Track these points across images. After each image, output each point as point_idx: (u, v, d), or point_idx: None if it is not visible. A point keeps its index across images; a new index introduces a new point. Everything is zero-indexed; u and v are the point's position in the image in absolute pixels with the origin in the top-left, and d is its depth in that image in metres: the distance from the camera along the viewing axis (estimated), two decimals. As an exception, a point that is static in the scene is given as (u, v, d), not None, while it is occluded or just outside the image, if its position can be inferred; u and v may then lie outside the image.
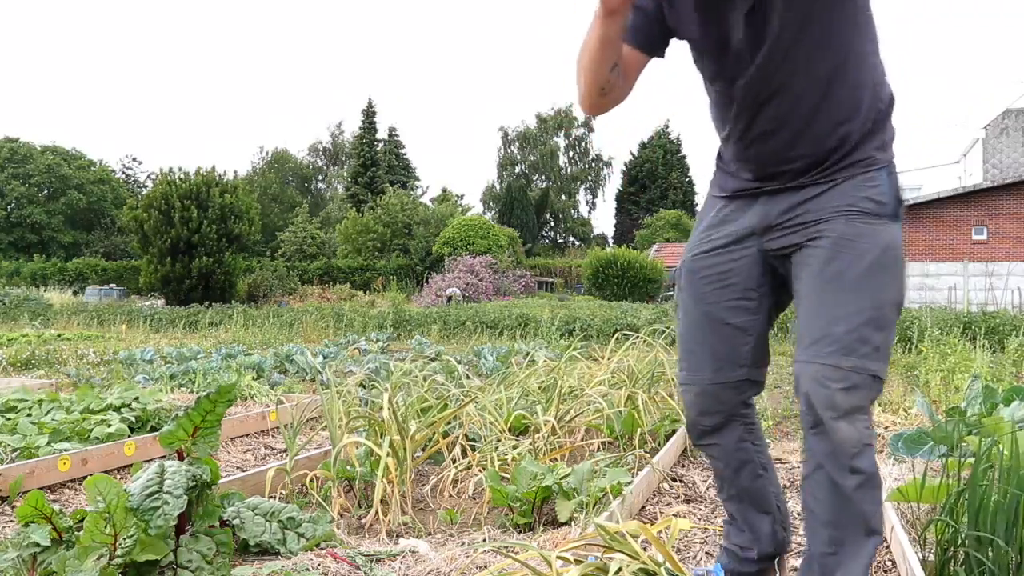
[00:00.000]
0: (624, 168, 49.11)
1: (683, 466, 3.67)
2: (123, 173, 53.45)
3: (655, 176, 47.42)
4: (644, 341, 5.00)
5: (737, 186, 1.83)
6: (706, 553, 2.49)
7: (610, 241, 48.71)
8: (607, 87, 1.74)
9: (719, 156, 1.90)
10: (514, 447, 3.31)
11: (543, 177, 54.19)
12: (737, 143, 1.78)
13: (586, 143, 54.76)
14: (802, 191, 1.72)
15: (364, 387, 4.74)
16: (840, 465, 1.60)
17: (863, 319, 1.61)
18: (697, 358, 1.86)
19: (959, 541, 2.00)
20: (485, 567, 2.21)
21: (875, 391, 1.61)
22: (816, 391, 1.60)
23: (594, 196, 55.28)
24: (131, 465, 3.69)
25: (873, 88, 1.70)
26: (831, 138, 1.68)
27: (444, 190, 48.58)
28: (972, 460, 2.65)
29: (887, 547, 2.47)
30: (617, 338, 5.19)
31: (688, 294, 1.89)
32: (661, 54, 1.79)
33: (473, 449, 3.34)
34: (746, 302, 1.83)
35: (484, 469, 3.03)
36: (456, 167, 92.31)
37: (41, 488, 3.23)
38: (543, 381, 4.28)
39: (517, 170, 54.03)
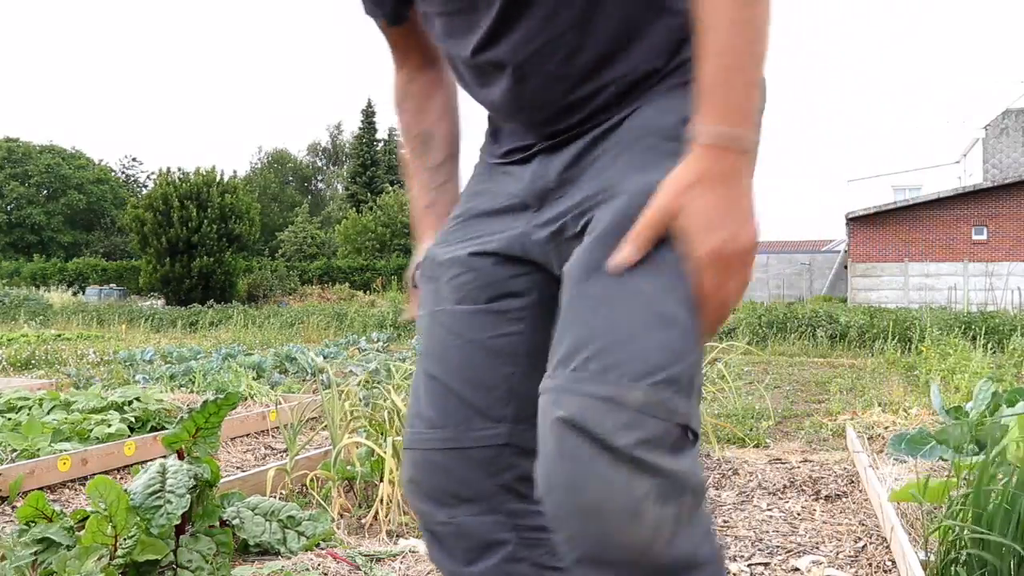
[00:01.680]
0: (624, 168, 49.11)
1: (683, 466, 3.67)
2: (123, 173, 53.50)
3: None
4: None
5: (509, 146, 1.17)
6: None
7: (610, 241, 48.68)
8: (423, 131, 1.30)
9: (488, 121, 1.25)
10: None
11: (543, 177, 54.24)
12: (489, 88, 1.12)
13: (586, 143, 54.81)
14: (586, 139, 1.08)
15: (365, 387, 4.74)
16: None
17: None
18: (429, 400, 1.10)
19: (962, 543, 2.00)
20: (486, 567, 2.20)
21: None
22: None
23: (594, 196, 55.31)
24: (131, 465, 3.70)
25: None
26: (602, 80, 1.06)
27: (444, 190, 48.49)
28: (973, 460, 2.65)
29: (887, 547, 2.47)
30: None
31: (425, 302, 1.17)
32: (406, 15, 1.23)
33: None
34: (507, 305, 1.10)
35: (484, 469, 3.02)
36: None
37: (41, 488, 3.23)
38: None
39: (517, 170, 54.05)
